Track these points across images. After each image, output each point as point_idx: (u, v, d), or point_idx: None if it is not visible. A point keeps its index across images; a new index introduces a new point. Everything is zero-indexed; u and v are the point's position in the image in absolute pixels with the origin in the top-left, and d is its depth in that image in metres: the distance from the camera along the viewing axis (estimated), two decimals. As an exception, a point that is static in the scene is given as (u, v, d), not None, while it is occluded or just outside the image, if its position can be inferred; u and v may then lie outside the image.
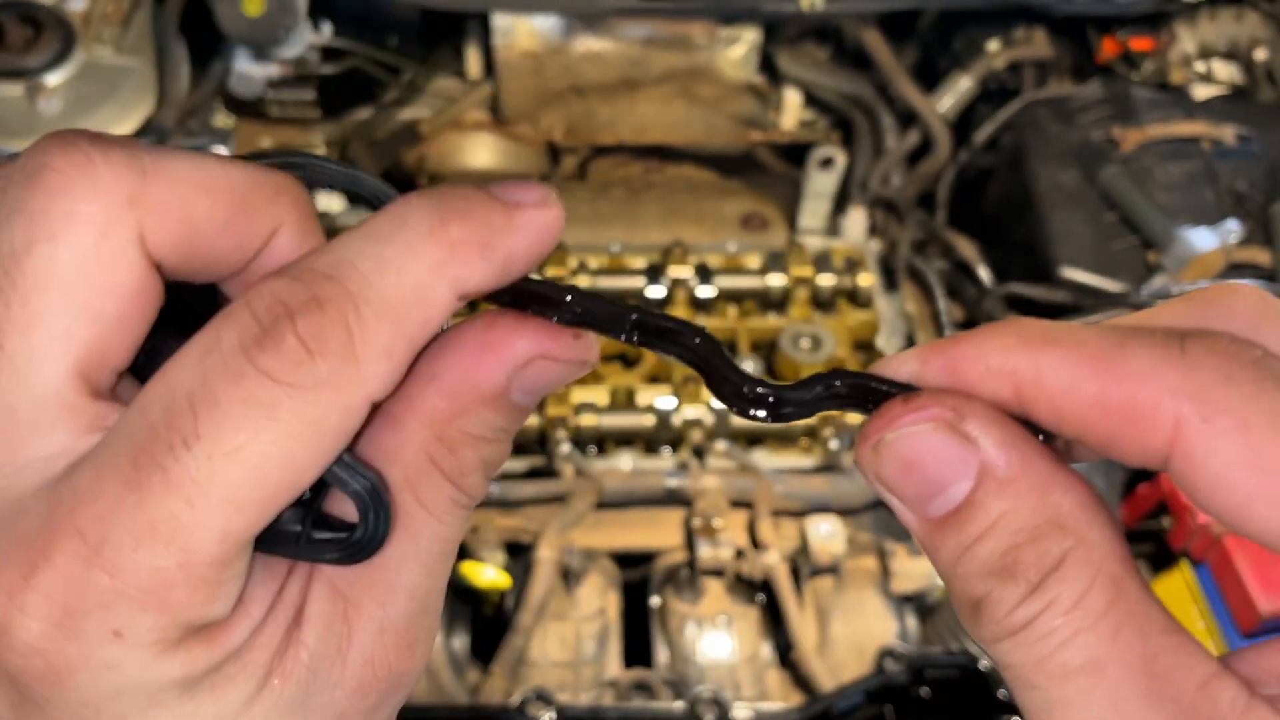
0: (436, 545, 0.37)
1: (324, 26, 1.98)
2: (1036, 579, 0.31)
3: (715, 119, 2.40)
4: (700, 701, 1.43)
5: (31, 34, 1.76)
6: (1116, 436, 0.32)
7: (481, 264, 0.34)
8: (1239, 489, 0.30)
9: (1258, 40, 2.22)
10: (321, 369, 0.31)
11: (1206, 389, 0.30)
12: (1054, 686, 0.31)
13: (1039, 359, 0.32)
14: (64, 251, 0.31)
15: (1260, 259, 1.87)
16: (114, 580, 0.30)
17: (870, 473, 0.35)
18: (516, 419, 0.37)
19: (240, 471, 0.31)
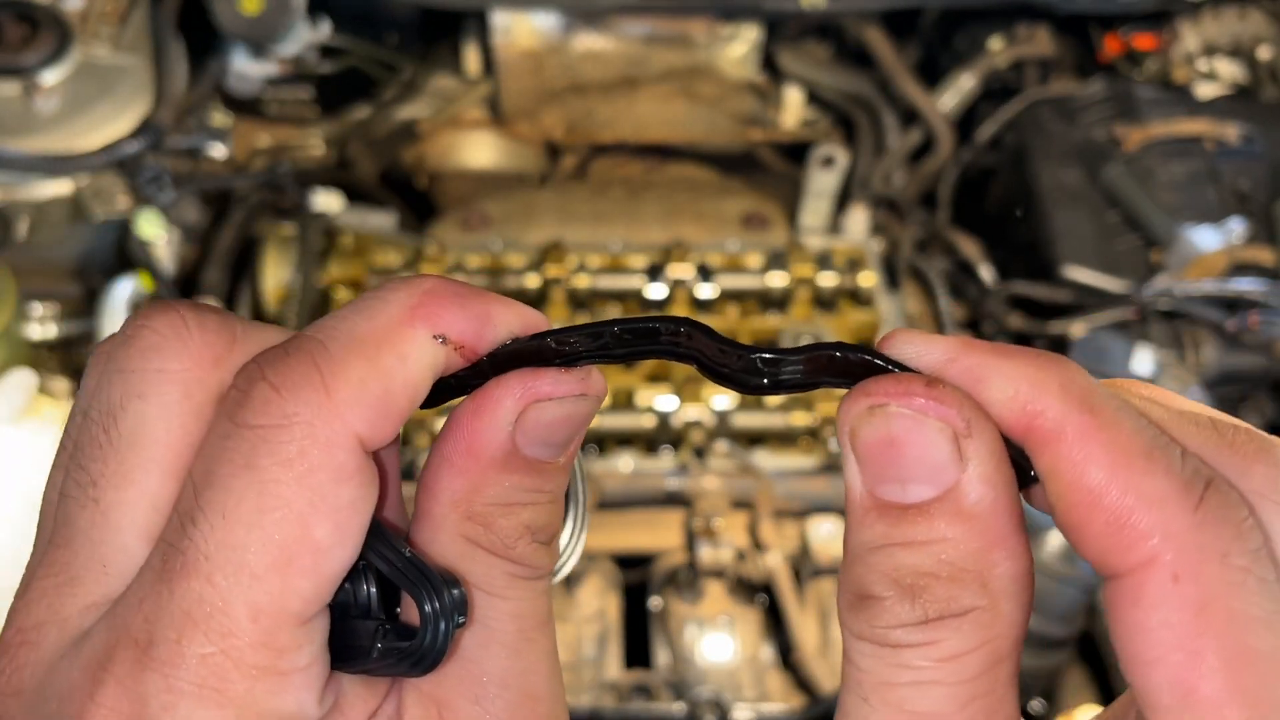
0: (512, 625, 0.36)
1: (322, 25, 1.98)
2: (934, 615, 0.31)
3: (716, 118, 2.40)
4: (701, 703, 1.42)
5: (28, 32, 1.75)
6: (1092, 531, 0.31)
7: (458, 310, 0.34)
8: (1156, 650, 0.30)
9: (1261, 38, 2.21)
10: (289, 405, 0.31)
11: (1193, 556, 0.29)
12: (885, 712, 0.31)
13: (1070, 420, 0.31)
14: (153, 408, 0.34)
15: (1263, 258, 1.86)
16: (167, 678, 0.31)
17: (850, 426, 0.33)
18: (547, 476, 0.36)
19: (241, 533, 0.31)
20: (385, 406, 0.33)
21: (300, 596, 0.32)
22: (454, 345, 0.34)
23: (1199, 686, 0.29)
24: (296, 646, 0.32)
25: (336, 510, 0.32)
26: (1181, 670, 0.29)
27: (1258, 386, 1.90)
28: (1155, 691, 0.30)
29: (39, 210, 1.78)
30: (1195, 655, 0.29)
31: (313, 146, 2.33)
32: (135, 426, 0.34)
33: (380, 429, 0.33)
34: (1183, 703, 0.29)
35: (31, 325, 1.80)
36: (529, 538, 0.36)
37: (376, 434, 0.33)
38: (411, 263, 1.98)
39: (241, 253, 2.05)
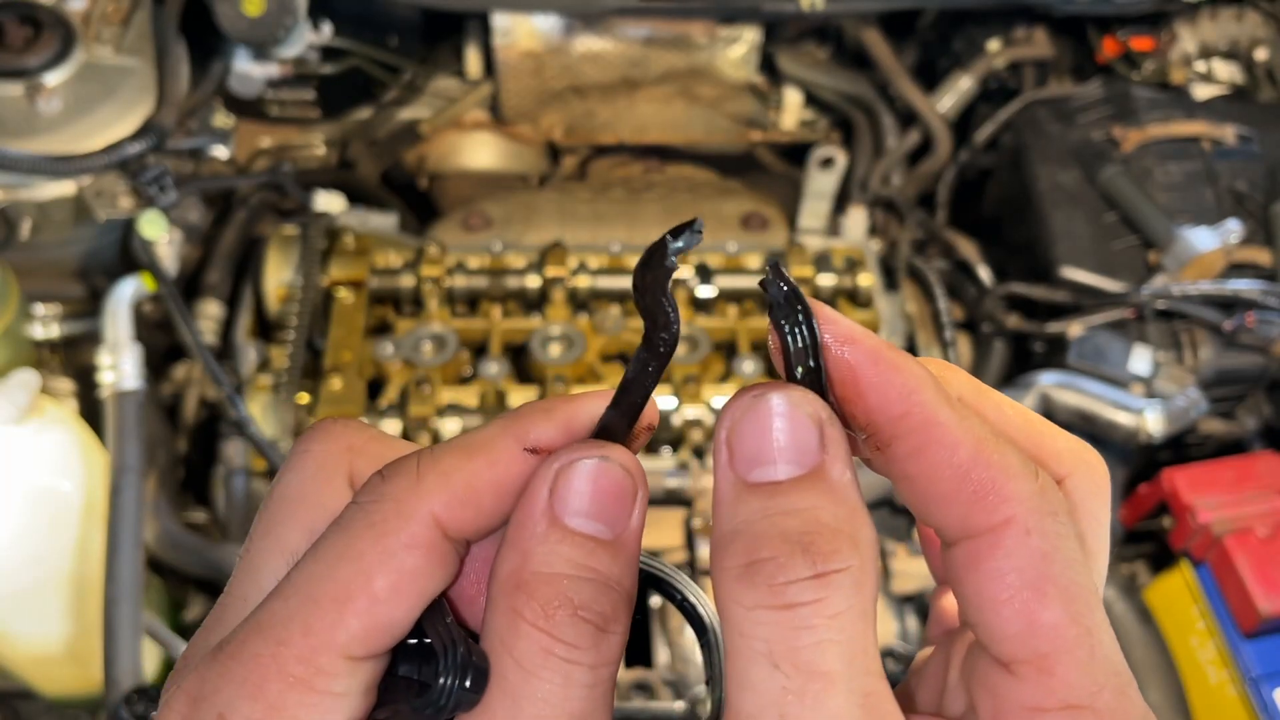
0: (543, 709, 0.36)
1: (324, 26, 1.98)
2: (821, 569, 0.34)
3: (715, 119, 2.40)
4: (700, 701, 1.43)
5: (31, 33, 1.75)
6: (960, 497, 0.37)
7: (544, 421, 0.40)
8: (1009, 590, 0.36)
9: (1258, 40, 2.21)
10: (386, 486, 0.38)
11: (1038, 516, 0.37)
12: (798, 678, 0.34)
13: (942, 411, 0.38)
14: (292, 475, 0.42)
15: (1260, 259, 1.86)
16: (226, 668, 0.36)
17: (733, 419, 0.38)
18: (596, 553, 0.37)
19: (320, 570, 0.37)
20: (467, 498, 0.38)
21: (348, 632, 0.36)
22: (545, 450, 0.40)
23: (1042, 615, 0.36)
24: (335, 674, 0.36)
25: (399, 571, 0.37)
26: (1030, 603, 0.36)
27: (1255, 386, 1.91)
28: (1005, 624, 0.36)
29: (42, 211, 1.79)
30: (1040, 591, 0.36)
31: (314, 147, 2.34)
32: (280, 491, 0.42)
33: (460, 516, 0.38)
34: (1029, 629, 0.36)
35: (34, 325, 1.81)
36: (569, 610, 0.36)
37: (455, 519, 0.38)
38: (412, 263, 1.99)
39: (243, 253, 2.06)
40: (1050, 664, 0.36)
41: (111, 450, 1.61)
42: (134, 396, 1.64)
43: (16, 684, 1.74)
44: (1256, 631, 1.57)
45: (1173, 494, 1.70)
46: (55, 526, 1.55)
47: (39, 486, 1.54)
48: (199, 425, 1.90)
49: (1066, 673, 0.36)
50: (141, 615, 1.52)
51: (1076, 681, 0.36)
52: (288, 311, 1.91)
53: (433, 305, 1.97)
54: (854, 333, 0.39)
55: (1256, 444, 1.92)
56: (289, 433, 1.78)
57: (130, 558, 1.52)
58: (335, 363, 1.88)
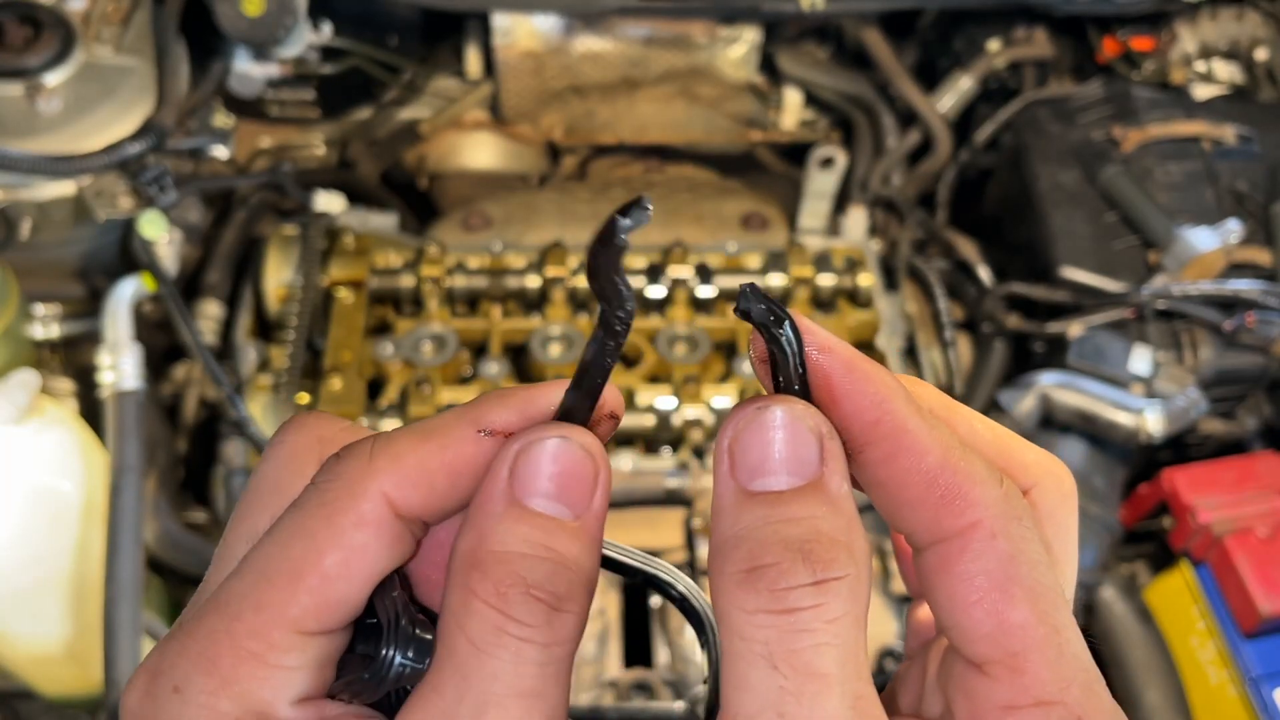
0: (492, 685, 0.36)
1: (324, 26, 1.98)
2: (820, 576, 0.36)
3: (715, 119, 2.40)
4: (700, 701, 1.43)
5: (31, 33, 1.75)
6: (929, 502, 0.39)
7: (499, 406, 0.41)
8: (978, 592, 0.38)
9: (1258, 40, 2.21)
10: (340, 466, 0.39)
11: (1003, 520, 0.38)
12: (796, 679, 0.35)
13: (911, 420, 0.39)
14: (265, 465, 0.43)
15: (1260, 259, 1.86)
16: (183, 644, 0.37)
17: (736, 428, 0.39)
18: (555, 534, 0.38)
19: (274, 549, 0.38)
20: (418, 479, 0.39)
21: (300, 607, 0.37)
22: (500, 434, 0.40)
23: (1010, 615, 0.37)
24: (287, 649, 0.37)
25: (349, 548, 0.38)
26: (998, 604, 0.38)
27: (1255, 386, 1.91)
28: (976, 625, 0.38)
29: (42, 211, 1.79)
30: (1007, 592, 0.38)
31: (314, 147, 2.34)
32: (254, 482, 0.43)
33: (410, 497, 0.39)
34: (999, 628, 0.37)
35: (34, 325, 1.81)
36: (521, 588, 0.36)
37: (406, 499, 0.39)
38: (412, 263, 1.99)
39: (243, 253, 2.06)
40: (1020, 662, 0.37)
41: (111, 450, 1.61)
42: (134, 396, 1.64)
43: (16, 684, 1.75)
44: (1256, 631, 1.57)
45: (1173, 494, 1.70)
46: (55, 526, 1.55)
47: (39, 486, 1.54)
48: (199, 425, 1.90)
49: (1037, 670, 0.37)
50: (141, 615, 1.52)
51: (1047, 678, 0.37)
52: (288, 311, 1.91)
53: (433, 305, 1.96)
54: (829, 341, 0.40)
55: (1256, 444, 1.92)
56: (289, 433, 1.78)
57: (130, 558, 1.52)
58: (335, 363, 1.88)
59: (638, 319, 1.98)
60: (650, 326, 1.95)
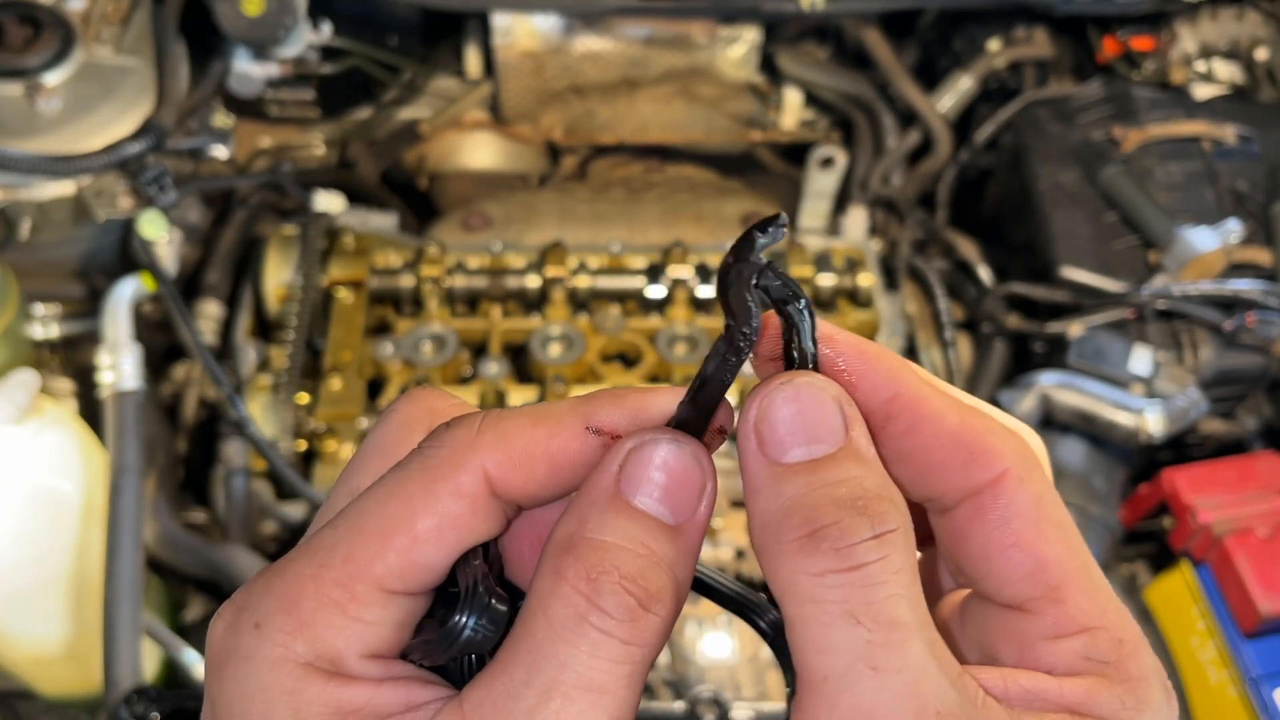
0: (562, 674, 0.35)
1: (324, 26, 1.98)
2: (879, 529, 0.36)
3: (715, 119, 2.40)
4: (700, 701, 1.43)
5: (31, 33, 1.75)
6: (956, 459, 0.40)
7: (611, 406, 0.41)
8: (1014, 535, 0.39)
9: (1258, 40, 2.21)
10: (446, 435, 0.40)
11: (1026, 465, 0.40)
12: (880, 630, 0.35)
13: (924, 388, 0.41)
14: (376, 431, 0.45)
15: (1260, 259, 1.86)
16: (269, 583, 0.38)
17: (763, 403, 0.40)
18: (655, 534, 0.38)
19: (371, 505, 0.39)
20: (521, 461, 0.40)
21: (386, 565, 0.38)
22: (609, 434, 0.41)
23: (1046, 552, 0.39)
24: (369, 603, 0.38)
25: (442, 515, 0.39)
26: (1034, 542, 0.39)
27: (1255, 386, 1.91)
28: (1015, 566, 0.39)
29: (42, 211, 1.79)
30: (1041, 531, 0.39)
31: (314, 147, 2.33)
32: (364, 446, 0.45)
33: (510, 478, 0.40)
34: (1038, 565, 0.39)
35: (34, 325, 1.81)
36: (613, 578, 0.36)
37: (505, 479, 0.40)
38: (412, 263, 1.99)
39: (243, 253, 2.06)
40: (1061, 594, 0.39)
41: (111, 450, 1.60)
42: (134, 396, 1.64)
43: (16, 684, 1.74)
44: (1256, 631, 1.57)
45: (1173, 494, 1.70)
46: (55, 526, 1.55)
47: (39, 486, 1.53)
48: (199, 425, 1.90)
49: (1077, 600, 0.39)
50: (141, 615, 1.52)
51: (1087, 606, 0.39)
52: (287, 311, 1.91)
53: (433, 305, 1.96)
54: (832, 330, 0.42)
55: (1256, 444, 1.92)
56: (289, 433, 1.78)
57: (130, 558, 1.52)
58: (335, 363, 1.87)
59: (638, 319, 1.98)
60: (650, 326, 1.95)
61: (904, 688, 0.35)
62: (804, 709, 0.36)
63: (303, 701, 0.37)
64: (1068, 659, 0.39)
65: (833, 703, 0.35)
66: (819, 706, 0.35)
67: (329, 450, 1.79)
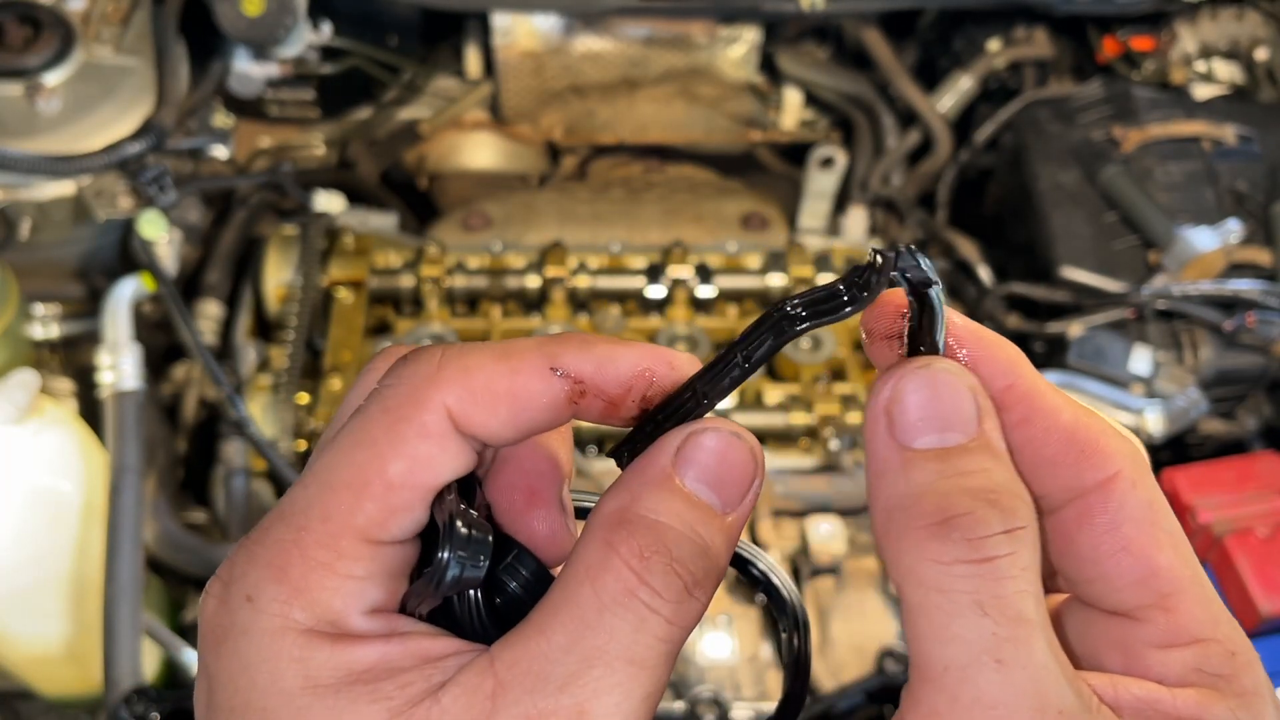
0: (606, 644, 0.36)
1: (324, 26, 1.98)
2: (1010, 525, 0.36)
3: (715, 119, 2.40)
4: (700, 701, 1.43)
5: (31, 33, 1.75)
6: (1068, 457, 0.39)
7: (579, 350, 0.40)
8: (1124, 540, 0.39)
9: (1258, 40, 2.21)
10: (405, 370, 0.39)
11: (1138, 468, 0.40)
12: (1007, 625, 0.35)
13: (1039, 382, 0.40)
14: (352, 392, 0.43)
15: (1261, 259, 1.86)
16: (252, 553, 0.38)
17: (895, 387, 0.39)
18: (703, 517, 0.38)
19: (338, 457, 0.38)
20: (482, 398, 0.39)
21: (366, 515, 0.38)
22: (573, 379, 0.40)
23: (1159, 559, 0.39)
24: (356, 558, 0.37)
25: (412, 458, 0.38)
26: (1146, 549, 0.39)
27: (1255, 386, 1.91)
28: (1125, 572, 0.39)
29: (42, 211, 1.79)
30: (1154, 537, 0.39)
31: (314, 147, 2.33)
32: (342, 407, 0.43)
33: (472, 415, 0.39)
34: (1150, 572, 0.38)
35: (34, 325, 1.81)
36: (665, 559, 0.37)
37: (467, 417, 0.39)
38: (412, 263, 1.99)
39: (243, 253, 2.06)
40: (1173, 603, 0.38)
41: (111, 450, 1.60)
42: (134, 396, 1.64)
43: (16, 684, 1.74)
44: (1257, 631, 1.57)
45: (1173, 494, 1.70)
46: (55, 526, 1.55)
47: (39, 486, 1.53)
48: (199, 425, 1.90)
49: (1190, 609, 0.38)
50: (141, 615, 1.52)
51: (1201, 616, 0.38)
52: (287, 311, 1.91)
53: (432, 305, 1.96)
54: (950, 314, 0.41)
55: (1256, 444, 1.92)
56: (289, 433, 1.78)
57: (130, 558, 1.52)
58: (335, 363, 1.87)
59: (638, 319, 1.98)
60: (650, 326, 1.95)
61: (1028, 684, 0.35)
62: (919, 700, 0.36)
63: (312, 668, 0.36)
64: (1179, 670, 0.38)
65: (954, 694, 0.35)
66: (938, 697, 0.35)
67: (329, 450, 1.79)
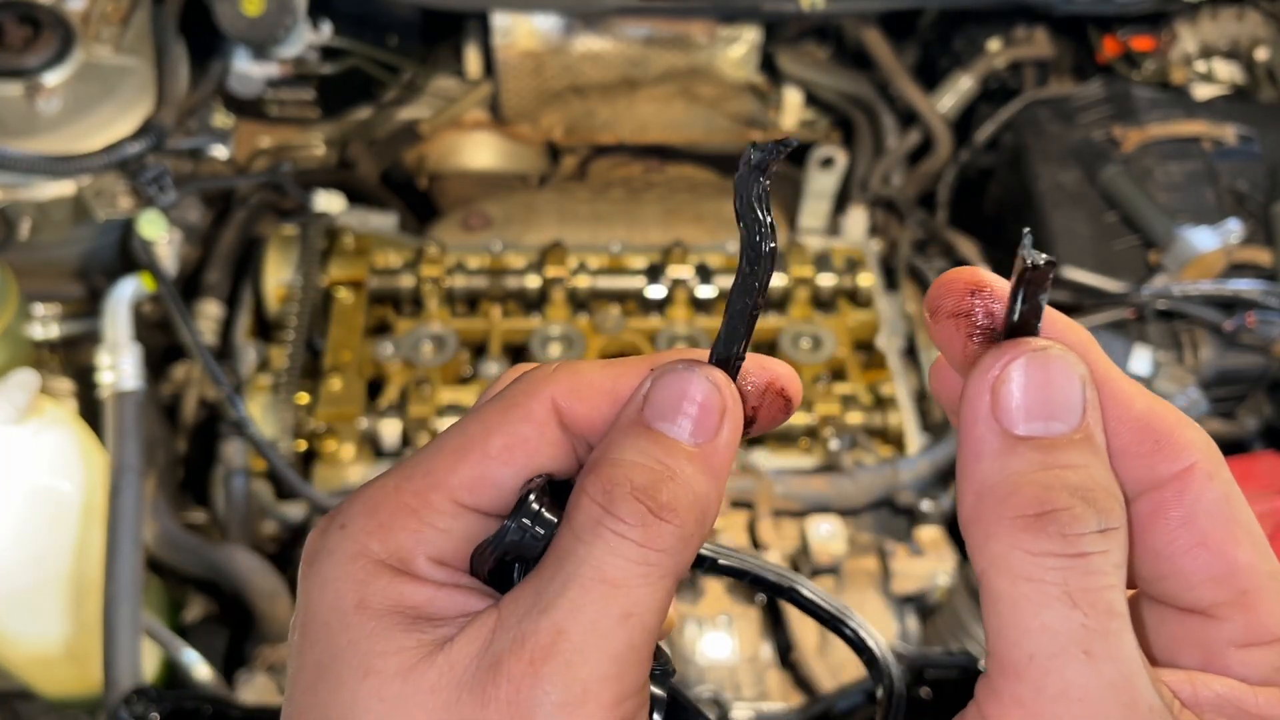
0: (580, 568, 0.38)
1: (323, 26, 1.98)
2: (1105, 525, 0.36)
3: (715, 119, 2.40)
4: (700, 701, 1.43)
5: (30, 33, 1.75)
6: (1143, 448, 0.39)
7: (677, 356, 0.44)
8: (1200, 535, 0.38)
9: (1259, 40, 2.21)
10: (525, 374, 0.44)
11: (1214, 460, 0.39)
12: (1097, 618, 0.35)
13: (1113, 369, 0.40)
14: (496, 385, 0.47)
15: (1261, 259, 1.86)
16: (359, 497, 0.42)
17: (1005, 365, 0.38)
18: (673, 452, 0.40)
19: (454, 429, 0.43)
20: (586, 394, 0.43)
21: (459, 477, 0.42)
22: None
23: (1237, 555, 0.38)
24: (441, 511, 0.41)
25: (512, 435, 0.42)
26: (1224, 544, 0.38)
27: (1255, 386, 1.91)
28: (1202, 568, 0.38)
29: (41, 211, 1.79)
30: (1231, 533, 0.38)
31: (314, 147, 2.33)
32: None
33: (575, 408, 0.43)
34: (1228, 569, 0.38)
35: (34, 325, 1.81)
36: (626, 488, 0.39)
37: (570, 409, 0.43)
38: (412, 263, 1.99)
39: (243, 253, 2.06)
40: (1252, 601, 0.38)
41: (111, 450, 1.60)
42: (134, 396, 1.64)
43: (16, 684, 1.74)
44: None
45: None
46: (55, 526, 1.55)
47: (39, 486, 1.53)
48: (199, 425, 1.90)
49: (1271, 608, 0.37)
50: (141, 615, 1.52)
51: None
52: (287, 311, 1.91)
53: (432, 305, 1.96)
54: None
55: (1256, 444, 1.92)
56: (289, 433, 1.78)
57: (130, 558, 1.52)
58: (335, 363, 1.87)
59: (638, 319, 1.98)
60: (650, 326, 1.95)
61: (1117, 678, 0.35)
62: (1000, 690, 0.36)
63: (369, 591, 0.40)
64: (1261, 669, 0.38)
65: (1039, 684, 0.35)
66: (1022, 687, 0.35)
67: (329, 450, 1.79)
